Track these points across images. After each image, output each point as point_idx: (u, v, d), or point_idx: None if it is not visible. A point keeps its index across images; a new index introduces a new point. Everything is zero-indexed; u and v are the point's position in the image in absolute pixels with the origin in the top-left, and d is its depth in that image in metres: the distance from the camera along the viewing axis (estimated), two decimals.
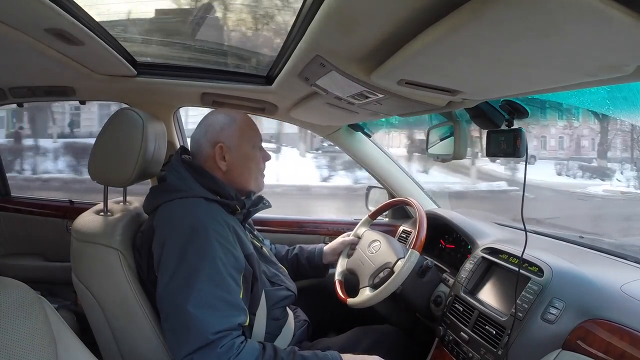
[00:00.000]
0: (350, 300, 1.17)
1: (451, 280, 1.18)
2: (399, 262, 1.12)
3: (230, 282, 0.86)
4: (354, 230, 1.41)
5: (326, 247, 1.33)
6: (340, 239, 1.36)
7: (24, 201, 1.74)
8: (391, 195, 1.66)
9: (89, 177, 1.01)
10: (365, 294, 1.14)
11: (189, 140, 1.21)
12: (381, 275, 1.15)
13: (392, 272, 1.11)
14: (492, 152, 0.93)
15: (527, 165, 0.89)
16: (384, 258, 1.18)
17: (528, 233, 0.91)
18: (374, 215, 1.42)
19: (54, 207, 1.70)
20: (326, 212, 7.28)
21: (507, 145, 0.89)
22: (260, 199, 1.10)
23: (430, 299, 1.20)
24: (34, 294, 0.60)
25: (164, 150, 1.14)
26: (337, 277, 1.29)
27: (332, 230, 1.69)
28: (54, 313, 0.63)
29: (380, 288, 1.09)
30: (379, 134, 1.77)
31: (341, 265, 1.32)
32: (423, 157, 8.74)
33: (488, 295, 1.04)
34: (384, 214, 1.59)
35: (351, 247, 1.35)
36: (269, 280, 1.05)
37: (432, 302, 1.20)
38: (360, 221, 1.43)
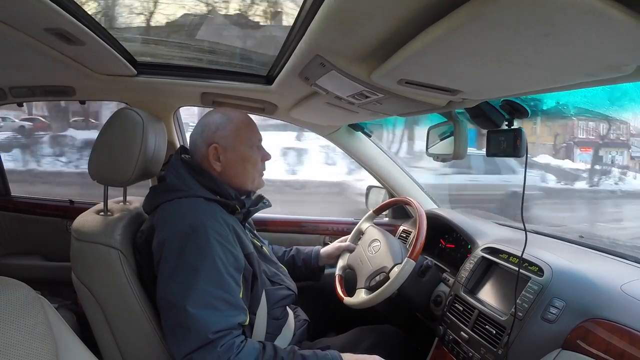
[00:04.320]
0: (346, 300, 1.18)
1: (451, 280, 1.19)
2: (395, 268, 1.12)
3: (230, 281, 0.86)
4: (358, 225, 1.41)
5: (322, 250, 1.33)
6: (336, 244, 1.36)
7: (24, 201, 1.74)
8: (391, 195, 1.66)
9: None
10: (361, 295, 1.15)
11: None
12: (377, 278, 1.16)
13: (387, 278, 1.12)
14: (493, 152, 0.94)
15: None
16: (381, 261, 1.18)
17: (528, 233, 0.91)
18: (378, 211, 1.43)
19: (54, 207, 1.70)
20: None
21: (507, 145, 0.89)
22: (260, 198, 1.10)
23: (430, 299, 1.21)
24: (34, 294, 0.60)
25: (164, 150, 1.14)
26: (337, 272, 1.30)
27: (332, 230, 1.69)
28: (54, 313, 0.63)
29: (375, 293, 1.10)
30: None
31: (342, 259, 1.33)
32: None
33: (488, 294, 1.04)
34: (384, 213, 1.59)
35: (356, 241, 1.36)
36: (269, 279, 1.05)
37: (432, 302, 1.20)
38: (365, 216, 1.43)
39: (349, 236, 1.40)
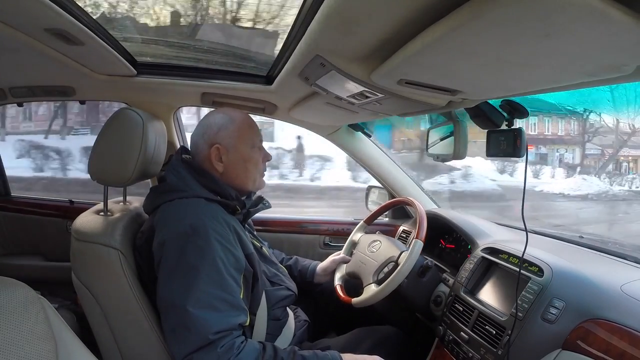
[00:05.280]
0: (355, 300, 1.15)
1: (451, 280, 1.18)
2: (403, 254, 1.12)
3: (231, 282, 0.86)
4: (350, 237, 1.40)
5: (318, 267, 1.32)
6: (330, 258, 1.34)
7: (24, 201, 1.74)
8: (391, 195, 1.66)
9: None
10: (371, 289, 1.13)
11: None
12: (385, 270, 1.14)
13: (397, 265, 1.11)
14: (493, 152, 0.94)
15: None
16: (387, 253, 1.18)
17: (528, 233, 0.91)
18: (369, 220, 1.42)
19: (54, 207, 1.70)
20: None
21: (507, 145, 0.89)
22: (260, 199, 1.10)
23: (430, 299, 1.20)
24: (34, 294, 0.60)
25: (164, 150, 1.14)
26: (337, 282, 1.28)
27: (332, 230, 1.69)
28: (54, 313, 0.63)
29: (387, 281, 1.09)
30: None
31: (340, 270, 1.31)
32: None
33: (488, 295, 1.04)
34: (384, 213, 1.59)
35: (349, 253, 1.35)
36: (269, 280, 1.05)
37: (432, 302, 1.20)
38: (356, 227, 1.43)
39: (342, 250, 1.38)
